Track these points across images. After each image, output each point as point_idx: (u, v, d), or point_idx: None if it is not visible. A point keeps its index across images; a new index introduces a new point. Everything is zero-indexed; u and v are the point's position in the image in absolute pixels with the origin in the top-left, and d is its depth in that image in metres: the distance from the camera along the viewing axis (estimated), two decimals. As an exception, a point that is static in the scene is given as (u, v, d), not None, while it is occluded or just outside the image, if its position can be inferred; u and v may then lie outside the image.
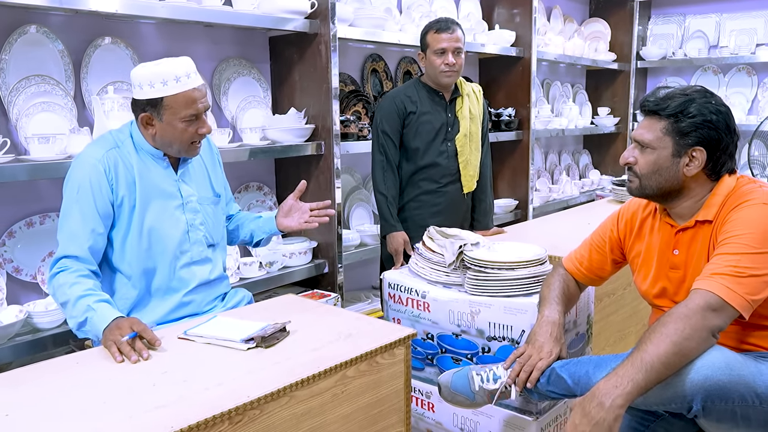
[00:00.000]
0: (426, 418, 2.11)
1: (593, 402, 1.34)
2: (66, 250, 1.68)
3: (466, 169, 2.74)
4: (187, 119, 1.74)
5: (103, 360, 1.42)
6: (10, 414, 1.17)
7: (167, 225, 1.81)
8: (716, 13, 5.03)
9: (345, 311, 1.76)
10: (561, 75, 5.02)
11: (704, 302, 1.37)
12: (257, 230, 2.09)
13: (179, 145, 1.78)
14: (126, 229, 1.76)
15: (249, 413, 1.21)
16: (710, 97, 1.54)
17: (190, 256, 1.85)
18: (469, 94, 2.77)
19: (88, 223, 1.69)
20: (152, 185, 1.80)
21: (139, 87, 1.73)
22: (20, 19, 2.16)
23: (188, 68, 1.74)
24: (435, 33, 2.60)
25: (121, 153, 1.77)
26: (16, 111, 2.13)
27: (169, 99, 1.71)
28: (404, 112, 2.63)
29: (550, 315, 1.71)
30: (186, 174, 1.88)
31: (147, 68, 1.73)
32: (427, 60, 2.64)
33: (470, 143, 2.74)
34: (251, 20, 2.54)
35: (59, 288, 1.63)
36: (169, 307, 1.82)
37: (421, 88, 2.70)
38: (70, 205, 1.71)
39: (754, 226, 1.43)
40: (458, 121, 2.71)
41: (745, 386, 1.35)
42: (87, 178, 1.71)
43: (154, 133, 1.77)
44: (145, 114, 1.74)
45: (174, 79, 1.71)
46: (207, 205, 1.92)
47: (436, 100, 2.69)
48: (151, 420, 1.14)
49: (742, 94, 4.90)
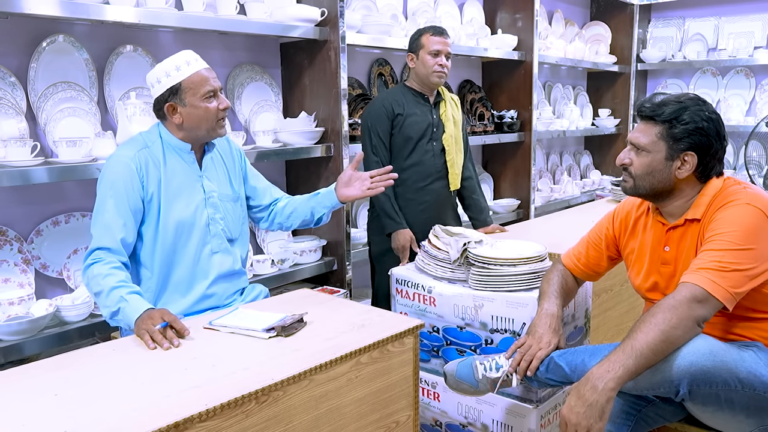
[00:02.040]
0: (432, 407, 2.21)
1: (587, 385, 1.45)
2: (100, 242, 1.79)
3: (452, 167, 2.84)
4: (207, 96, 1.88)
5: (137, 347, 1.54)
6: (59, 394, 1.29)
7: (191, 218, 1.92)
8: (715, 17, 5.11)
9: (357, 304, 1.87)
10: (562, 77, 5.11)
11: (690, 294, 1.48)
12: (317, 206, 2.16)
13: (206, 124, 1.90)
14: (155, 224, 1.88)
15: (273, 394, 1.33)
16: (702, 105, 1.63)
17: (210, 248, 1.97)
18: (449, 101, 2.88)
19: (121, 217, 1.81)
20: (179, 181, 1.92)
21: (157, 82, 1.87)
22: (47, 30, 2.28)
23: (194, 55, 1.91)
24: (431, 35, 2.73)
25: (151, 152, 1.89)
26: (45, 116, 2.25)
27: (186, 81, 1.86)
28: (392, 114, 2.72)
29: (549, 308, 1.81)
30: (208, 171, 2.00)
31: (158, 66, 1.89)
32: (420, 60, 2.74)
33: (455, 144, 2.85)
34: (264, 28, 2.65)
35: (93, 278, 1.74)
36: (192, 300, 1.93)
37: (407, 91, 2.80)
38: (104, 200, 1.82)
39: (738, 224, 1.53)
40: (443, 123, 2.82)
41: (728, 372, 1.45)
42: (120, 175, 1.83)
43: (181, 121, 1.89)
44: (169, 103, 1.88)
45: (185, 63, 1.87)
46: (227, 201, 2.03)
47: (422, 102, 2.80)
48: (186, 398, 1.25)
49: (741, 96, 4.98)
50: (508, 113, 4.01)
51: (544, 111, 4.42)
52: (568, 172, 5.05)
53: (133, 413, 1.20)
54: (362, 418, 1.55)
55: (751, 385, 1.47)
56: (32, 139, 2.19)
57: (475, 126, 3.81)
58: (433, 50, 2.71)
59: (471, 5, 4.06)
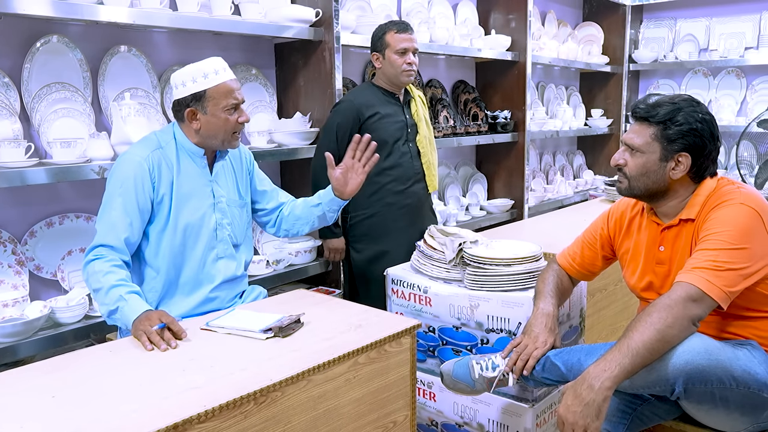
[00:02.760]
0: (428, 407, 2.21)
1: (584, 385, 1.46)
2: (103, 239, 1.79)
3: (429, 169, 2.79)
4: (229, 108, 1.87)
5: (134, 348, 1.54)
6: (56, 395, 1.29)
7: (200, 222, 1.92)
8: (706, 17, 5.15)
9: (354, 304, 1.87)
10: (555, 78, 5.14)
11: (685, 293, 1.49)
12: (327, 212, 2.14)
13: (223, 135, 1.90)
14: (163, 225, 1.88)
15: (272, 395, 1.33)
16: (696, 106, 1.65)
17: (216, 253, 1.97)
18: (418, 99, 2.81)
19: (128, 216, 1.81)
20: (190, 185, 1.92)
21: (182, 85, 1.87)
22: (41, 30, 2.27)
23: (222, 64, 1.91)
24: (396, 33, 2.63)
25: (164, 153, 1.89)
26: (39, 117, 2.24)
27: (211, 90, 1.85)
28: (362, 117, 2.61)
29: (545, 307, 1.82)
30: (218, 176, 2.00)
31: (187, 68, 1.88)
32: (386, 60, 2.64)
33: (429, 145, 2.80)
34: (259, 29, 2.65)
35: (93, 275, 1.74)
36: (195, 302, 1.93)
37: (377, 91, 2.70)
38: (113, 198, 1.82)
39: (732, 224, 1.55)
40: (416, 123, 2.76)
41: (723, 370, 1.47)
42: (132, 174, 1.82)
43: (199, 128, 1.89)
44: (190, 109, 1.87)
45: (213, 72, 1.86)
46: (234, 207, 2.03)
47: (393, 102, 2.72)
48: (185, 400, 1.25)
49: (732, 96, 5.02)
50: (501, 113, 4.02)
51: (538, 111, 4.44)
52: (561, 172, 5.07)
53: (133, 414, 1.20)
54: (360, 418, 1.55)
55: (745, 383, 1.49)
56: (26, 140, 2.18)
57: (469, 126, 3.83)
58: (399, 49, 2.62)
59: (465, 6, 4.07)
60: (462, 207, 3.90)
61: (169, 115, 2.63)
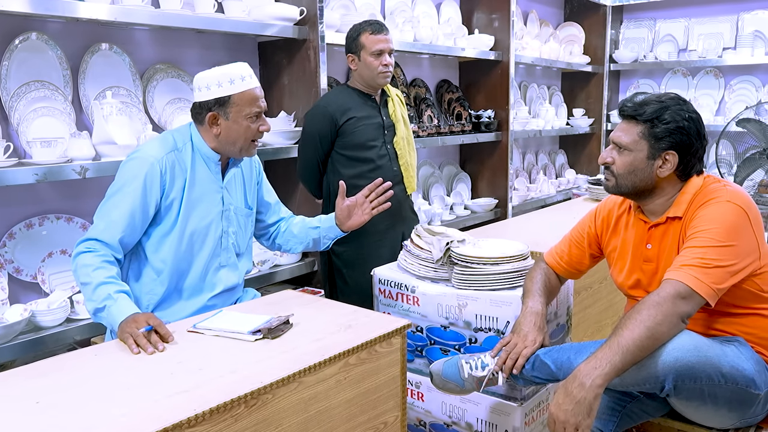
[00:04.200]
0: (416, 407, 2.20)
1: (575, 383, 1.46)
2: (99, 234, 1.74)
3: (407, 170, 2.75)
4: (252, 116, 1.84)
5: (120, 352, 1.50)
6: (40, 401, 1.25)
7: (206, 230, 1.90)
8: (685, 18, 5.21)
9: (343, 305, 1.85)
10: (537, 77, 5.16)
11: (674, 291, 1.50)
12: (322, 238, 2.19)
13: (242, 142, 1.87)
14: (169, 228, 1.84)
15: (262, 397, 1.31)
16: (683, 105, 1.66)
17: (219, 261, 1.95)
18: (395, 98, 2.77)
19: (129, 218, 1.76)
20: (201, 190, 1.88)
21: (206, 88, 1.82)
22: (20, 27, 2.22)
23: (249, 71, 1.87)
24: (371, 35, 2.56)
25: (179, 156, 1.85)
26: (17, 116, 2.19)
27: (236, 97, 1.82)
28: (337, 122, 2.57)
29: (533, 306, 1.82)
30: (229, 183, 1.97)
31: (211, 71, 1.84)
32: (362, 62, 2.58)
33: (407, 146, 2.76)
34: (242, 27, 2.62)
35: (83, 268, 1.69)
36: (193, 309, 1.90)
37: (353, 93, 2.65)
38: (118, 194, 1.78)
39: (719, 221, 1.56)
40: (393, 123, 2.72)
41: (712, 366, 1.48)
42: (143, 173, 1.78)
43: (219, 133, 1.85)
44: (212, 113, 1.83)
45: (240, 78, 1.83)
46: (241, 216, 2.01)
47: (369, 103, 2.67)
48: (174, 403, 1.23)
49: (710, 95, 5.08)
50: (485, 113, 4.03)
51: (520, 111, 4.46)
52: (543, 171, 5.10)
53: (122, 418, 1.17)
54: (351, 419, 1.54)
55: (733, 379, 1.50)
56: (5, 139, 2.13)
57: (453, 126, 3.83)
58: (375, 50, 2.55)
59: (448, 5, 4.08)
60: (446, 206, 3.90)
61: (151, 113, 2.59)
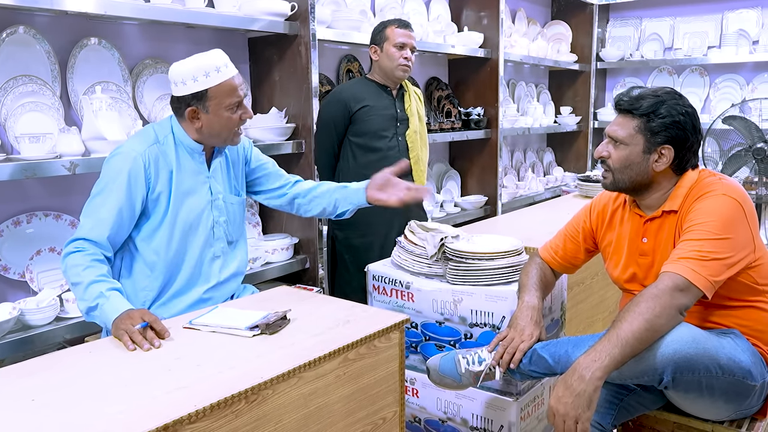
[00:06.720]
0: (411, 404, 2.19)
1: (574, 375, 1.46)
2: (87, 233, 1.72)
3: (417, 164, 2.79)
4: (232, 106, 1.81)
5: (116, 348, 1.48)
6: (36, 399, 1.22)
7: (197, 220, 1.87)
8: (671, 17, 5.26)
9: (340, 300, 1.84)
10: (525, 75, 5.18)
11: (672, 283, 1.51)
12: (343, 200, 2.10)
13: (226, 133, 1.84)
14: (159, 222, 1.81)
15: (263, 393, 1.29)
16: (679, 99, 1.67)
17: (213, 252, 1.92)
18: (413, 94, 2.83)
19: (116, 215, 1.74)
20: (187, 182, 1.85)
21: (182, 83, 1.78)
22: (7, 20, 2.18)
23: (224, 59, 1.82)
24: (397, 28, 2.69)
25: (161, 149, 1.82)
26: (5, 111, 2.15)
27: (213, 90, 1.78)
28: (350, 109, 2.65)
29: (529, 300, 1.82)
30: (216, 172, 1.94)
31: (186, 64, 1.78)
32: (384, 53, 2.69)
33: (420, 140, 2.80)
34: (233, 21, 2.59)
35: (73, 268, 1.67)
36: (189, 302, 1.88)
37: (369, 83, 2.74)
38: (102, 191, 1.75)
39: (715, 214, 1.57)
40: (408, 117, 2.77)
41: (709, 358, 1.49)
42: (126, 169, 1.75)
43: (200, 126, 1.82)
44: (191, 108, 1.80)
45: (215, 70, 1.78)
46: (230, 203, 1.98)
47: (384, 95, 2.74)
48: (173, 400, 1.21)
49: (695, 94, 5.13)
50: (474, 110, 4.03)
51: (509, 108, 4.47)
52: (532, 168, 5.12)
53: (120, 415, 1.15)
54: (350, 415, 1.52)
55: (730, 371, 1.51)
56: (-8, 135, 2.09)
57: (442, 123, 3.83)
58: (398, 42, 2.67)
59: (437, 2, 4.07)
60: (436, 204, 3.90)
61: (140, 109, 2.56)
